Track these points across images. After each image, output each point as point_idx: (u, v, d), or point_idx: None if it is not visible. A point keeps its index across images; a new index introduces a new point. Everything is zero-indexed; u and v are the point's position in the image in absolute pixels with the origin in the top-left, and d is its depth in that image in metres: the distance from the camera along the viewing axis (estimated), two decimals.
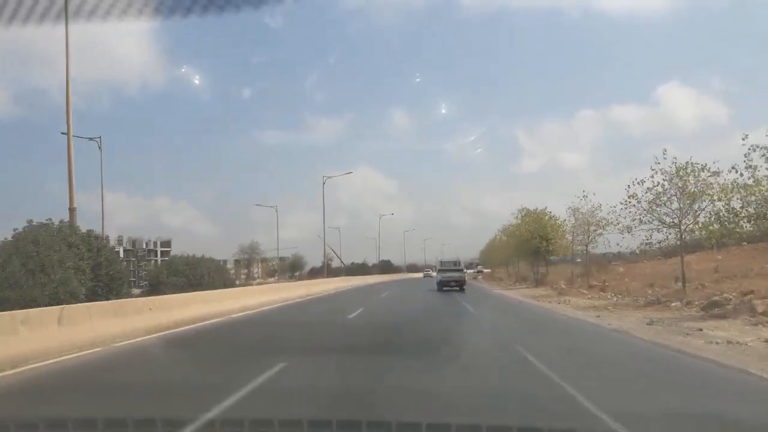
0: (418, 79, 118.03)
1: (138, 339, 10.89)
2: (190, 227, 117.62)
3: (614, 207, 21.83)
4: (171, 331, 12.34)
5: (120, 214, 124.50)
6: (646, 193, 18.77)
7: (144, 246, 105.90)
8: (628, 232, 20.19)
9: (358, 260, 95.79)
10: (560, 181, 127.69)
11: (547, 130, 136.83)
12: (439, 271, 34.33)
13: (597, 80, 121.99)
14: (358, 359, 8.18)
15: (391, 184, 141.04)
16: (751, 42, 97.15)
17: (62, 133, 18.65)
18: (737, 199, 15.84)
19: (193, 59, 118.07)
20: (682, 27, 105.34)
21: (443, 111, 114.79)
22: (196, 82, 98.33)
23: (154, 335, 11.54)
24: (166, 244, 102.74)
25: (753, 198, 15.33)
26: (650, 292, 19.94)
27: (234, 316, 16.47)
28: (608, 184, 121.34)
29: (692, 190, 17.55)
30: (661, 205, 18.45)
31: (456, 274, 32.69)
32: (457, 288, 31.88)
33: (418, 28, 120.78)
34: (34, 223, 18.25)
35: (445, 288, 32.09)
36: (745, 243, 27.96)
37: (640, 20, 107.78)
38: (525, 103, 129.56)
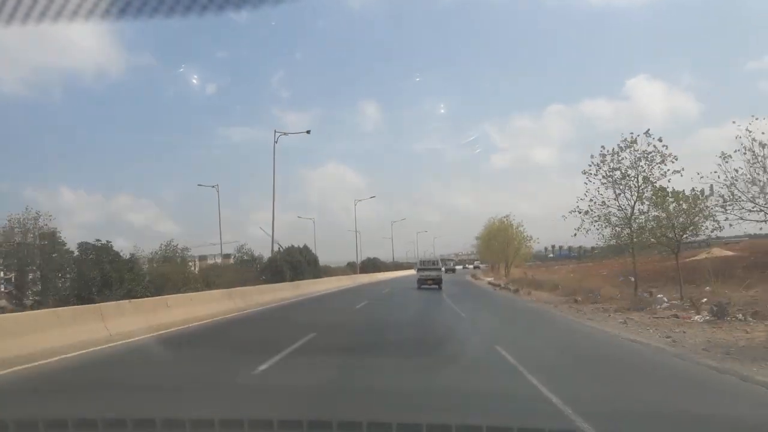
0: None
1: None
2: (153, 226, 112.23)
3: None
4: None
5: (79, 213, 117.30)
6: None
7: (21, 239, 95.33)
8: None
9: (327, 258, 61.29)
10: (533, 177, 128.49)
11: (519, 126, 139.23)
12: (419, 270, 36.31)
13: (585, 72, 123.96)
14: None
15: (361, 181, 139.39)
16: (722, 36, 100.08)
17: None
18: None
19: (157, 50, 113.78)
20: (655, 19, 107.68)
21: (416, 107, 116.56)
22: (161, 75, 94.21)
23: None
24: (48, 235, 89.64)
25: None
26: None
27: None
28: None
29: None
30: None
31: (434, 273, 34.68)
32: (436, 286, 33.01)
33: (390, 22, 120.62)
34: None
35: (423, 286, 33.30)
36: None
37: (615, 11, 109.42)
38: (499, 97, 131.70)
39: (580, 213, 20.31)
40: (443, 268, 44.63)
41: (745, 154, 15.76)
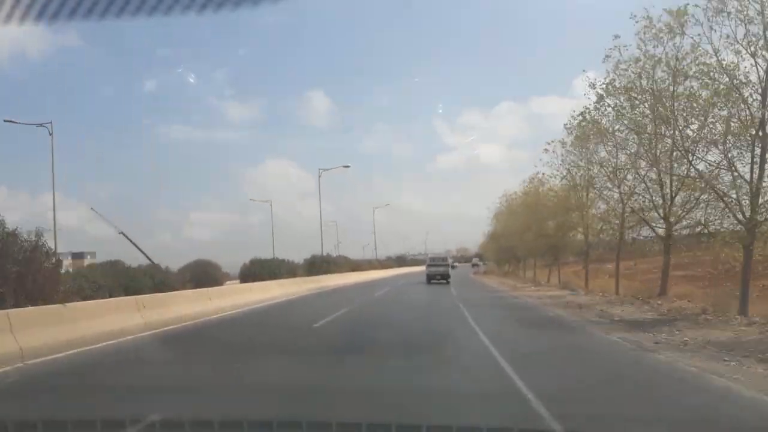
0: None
1: None
2: (84, 227, 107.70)
3: None
4: None
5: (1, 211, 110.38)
6: None
7: None
8: None
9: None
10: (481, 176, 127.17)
11: (467, 121, 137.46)
12: (428, 266, 38.94)
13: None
14: None
15: (309, 179, 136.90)
16: None
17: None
18: None
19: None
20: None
21: (365, 103, 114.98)
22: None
23: None
24: None
25: None
26: None
27: None
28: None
29: None
30: None
31: (441, 269, 37.29)
32: (444, 281, 35.59)
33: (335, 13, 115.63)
34: None
35: (432, 281, 35.76)
36: None
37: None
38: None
39: None
40: (454, 264, 53.27)
41: None
